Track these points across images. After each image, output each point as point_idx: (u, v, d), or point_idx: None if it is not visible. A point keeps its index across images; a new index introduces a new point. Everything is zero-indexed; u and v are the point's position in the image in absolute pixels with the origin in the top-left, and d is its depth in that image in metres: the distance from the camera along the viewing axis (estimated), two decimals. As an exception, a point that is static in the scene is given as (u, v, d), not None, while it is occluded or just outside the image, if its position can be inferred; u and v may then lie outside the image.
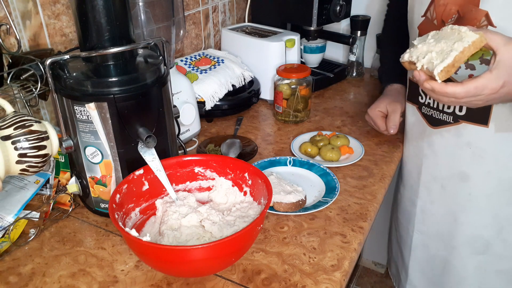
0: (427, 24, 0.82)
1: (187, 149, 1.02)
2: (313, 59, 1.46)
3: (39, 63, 0.75)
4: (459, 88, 0.63)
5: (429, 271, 1.02)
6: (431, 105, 0.87)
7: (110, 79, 0.68)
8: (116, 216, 0.63)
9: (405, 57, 0.69)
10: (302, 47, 1.43)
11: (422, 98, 0.89)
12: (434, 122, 0.87)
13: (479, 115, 0.79)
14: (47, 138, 0.66)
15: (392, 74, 1.09)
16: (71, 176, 0.79)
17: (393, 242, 1.19)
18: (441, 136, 0.87)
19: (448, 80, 0.66)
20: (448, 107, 0.83)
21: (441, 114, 0.85)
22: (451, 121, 0.84)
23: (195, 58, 1.23)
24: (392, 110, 1.00)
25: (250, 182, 0.74)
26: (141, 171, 0.71)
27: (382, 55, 1.26)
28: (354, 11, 1.39)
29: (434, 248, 0.99)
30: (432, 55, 0.65)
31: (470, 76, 0.75)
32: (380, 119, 1.02)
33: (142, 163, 0.71)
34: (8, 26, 0.81)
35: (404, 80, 1.01)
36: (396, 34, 1.08)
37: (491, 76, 0.62)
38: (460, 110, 0.81)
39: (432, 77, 0.65)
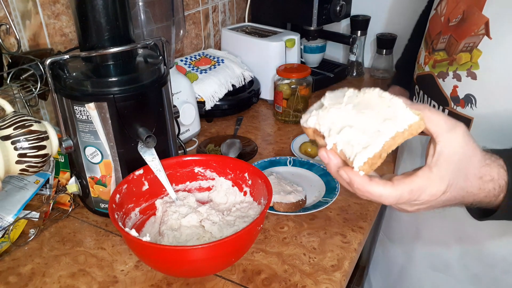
0: (436, 19, 0.74)
1: (187, 149, 1.02)
2: (313, 59, 1.46)
3: (39, 63, 0.75)
4: (389, 191, 0.45)
5: (386, 275, 1.00)
6: None
7: (110, 79, 0.68)
8: (116, 216, 0.63)
9: (310, 122, 0.48)
10: (302, 47, 1.43)
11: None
12: None
13: None
14: (47, 138, 0.66)
15: (401, 76, 1.06)
16: (71, 176, 0.79)
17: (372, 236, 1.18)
18: (420, 144, 0.82)
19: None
20: None
21: None
22: None
23: (195, 58, 1.23)
24: None
25: (250, 182, 0.74)
26: (141, 171, 0.71)
27: (404, 51, 1.12)
28: (354, 11, 1.38)
29: (394, 253, 0.96)
30: (350, 133, 0.44)
31: (455, 88, 0.67)
32: None
33: (142, 163, 0.71)
34: (8, 26, 0.81)
35: (409, 87, 0.99)
36: (421, 39, 0.99)
37: (431, 176, 0.45)
38: None
39: (347, 163, 0.45)
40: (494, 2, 0.62)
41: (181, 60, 1.20)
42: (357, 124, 0.45)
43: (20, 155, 0.63)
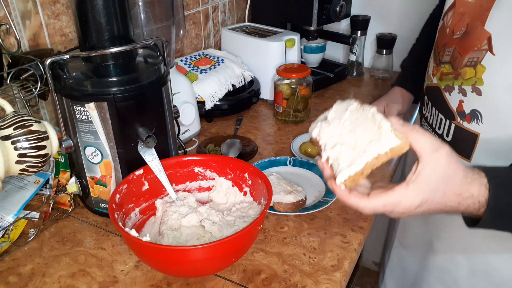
0: (442, 30, 0.74)
1: (187, 149, 1.02)
2: (313, 59, 1.46)
3: (39, 63, 0.75)
4: (364, 203, 0.51)
5: (401, 281, 1.00)
6: (428, 119, 0.80)
7: (110, 79, 0.68)
8: (116, 216, 0.63)
9: (313, 132, 0.56)
10: (302, 47, 1.43)
11: (424, 109, 0.82)
12: None
13: (463, 147, 0.71)
14: (47, 138, 0.66)
15: (406, 77, 1.05)
16: (71, 176, 0.79)
17: (385, 242, 1.19)
18: None
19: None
20: (439, 128, 0.75)
21: (433, 133, 0.77)
22: None
23: (195, 58, 1.23)
24: (388, 111, 0.98)
25: (250, 182, 0.74)
26: (141, 171, 0.71)
27: (411, 51, 1.11)
28: (354, 11, 1.39)
29: (408, 261, 0.96)
30: (340, 150, 0.52)
31: (461, 103, 0.68)
32: None
33: (142, 163, 0.71)
34: (7, 26, 0.81)
35: (412, 88, 0.98)
36: (428, 41, 0.96)
37: (407, 192, 0.50)
38: (447, 135, 0.73)
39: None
40: (497, 18, 0.61)
41: (181, 60, 1.20)
42: (348, 142, 0.51)
43: (20, 155, 0.63)
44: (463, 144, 0.70)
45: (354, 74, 1.46)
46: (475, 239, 0.75)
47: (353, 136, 0.51)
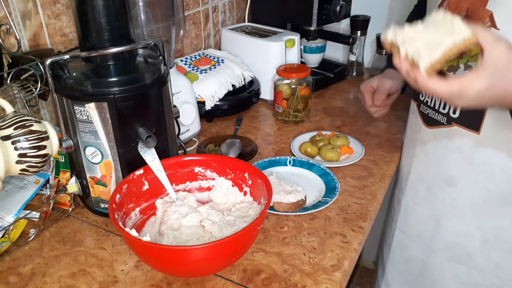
0: None
1: (187, 149, 1.02)
2: (313, 59, 1.46)
3: (39, 63, 0.75)
4: (442, 85, 0.58)
5: (406, 272, 1.01)
6: (429, 103, 0.84)
7: (110, 79, 0.68)
8: (116, 216, 0.63)
9: (389, 37, 0.62)
10: (302, 47, 1.43)
11: (422, 96, 0.87)
12: (429, 122, 0.85)
13: (471, 120, 0.76)
14: (47, 138, 0.66)
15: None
16: (71, 176, 0.79)
17: (380, 238, 1.20)
18: (434, 137, 0.85)
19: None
20: (444, 107, 0.81)
21: (436, 114, 0.82)
22: (444, 122, 0.81)
23: (195, 58, 1.23)
24: (380, 85, 0.97)
25: (250, 182, 0.74)
26: (141, 171, 0.71)
27: None
28: (354, 11, 1.38)
29: (413, 249, 0.97)
30: (419, 44, 0.59)
31: None
32: (368, 93, 0.98)
33: (142, 163, 0.71)
34: (8, 26, 0.81)
35: None
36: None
37: (477, 76, 0.57)
38: (454, 112, 0.79)
39: (415, 66, 0.59)
40: None
41: (181, 60, 1.20)
42: (424, 37, 0.58)
43: (20, 155, 0.63)
44: (471, 118, 0.76)
45: (354, 74, 1.46)
46: (487, 209, 0.80)
47: (428, 33, 0.58)
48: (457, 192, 0.84)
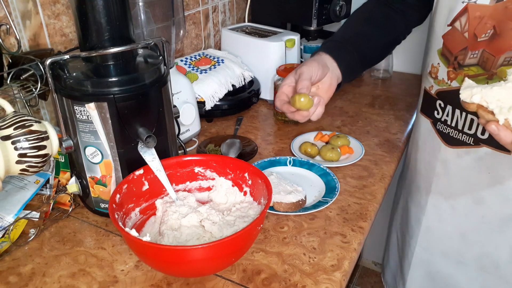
0: (455, 35, 0.74)
1: (187, 149, 1.02)
2: (313, 59, 1.45)
3: (39, 63, 0.75)
4: None
5: (430, 286, 0.99)
6: (448, 122, 0.80)
7: (110, 79, 0.68)
8: (116, 216, 0.63)
9: (475, 99, 0.57)
10: (302, 47, 1.43)
11: (438, 114, 0.82)
12: (451, 141, 0.81)
13: None
14: (47, 138, 0.66)
15: (336, 47, 0.85)
16: (71, 176, 0.79)
17: (391, 250, 1.15)
18: (458, 157, 0.81)
19: None
20: (469, 128, 0.76)
21: (460, 134, 0.79)
22: (471, 143, 0.77)
23: (195, 58, 1.23)
24: (300, 73, 0.76)
25: (250, 182, 0.74)
26: (141, 171, 0.71)
27: (346, 24, 0.96)
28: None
29: (437, 264, 0.95)
30: None
31: None
32: (286, 99, 0.77)
33: (142, 163, 0.71)
34: (8, 26, 0.81)
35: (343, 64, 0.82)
36: (378, 15, 0.91)
37: None
38: (483, 133, 0.75)
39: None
40: None
41: (181, 60, 1.20)
42: None
43: (20, 155, 0.63)
44: None
45: (354, 74, 1.46)
46: None
47: None
48: (485, 209, 0.82)
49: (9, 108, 0.66)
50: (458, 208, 0.86)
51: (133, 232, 0.60)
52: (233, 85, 1.17)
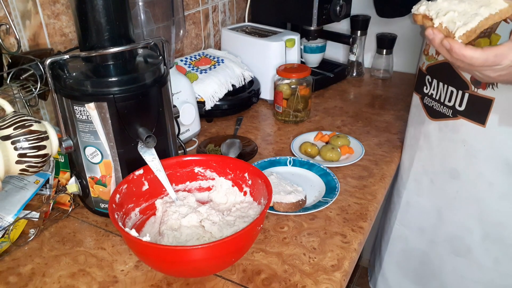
0: None
1: (187, 149, 1.02)
2: (313, 59, 1.46)
3: (38, 63, 0.75)
4: (479, 54, 0.57)
5: (405, 264, 1.02)
6: (434, 96, 0.85)
7: (109, 79, 0.68)
8: (116, 216, 0.63)
9: (421, 9, 0.62)
10: (302, 47, 1.43)
11: (426, 89, 0.87)
12: (434, 114, 0.86)
13: (477, 112, 0.77)
14: (47, 138, 0.66)
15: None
16: (71, 176, 0.79)
17: (377, 234, 1.20)
18: (438, 130, 0.86)
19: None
20: (449, 100, 0.81)
21: (442, 106, 0.83)
22: (450, 115, 0.82)
23: (195, 58, 1.23)
24: None
25: (250, 182, 0.74)
26: (141, 171, 0.71)
27: None
28: (354, 11, 1.38)
29: (413, 241, 0.98)
30: (454, 14, 0.59)
31: None
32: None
33: (142, 163, 0.71)
34: (7, 26, 0.81)
35: None
36: None
37: None
38: (460, 105, 0.79)
39: (449, 37, 0.59)
40: None
41: (181, 60, 1.20)
42: (459, 9, 0.59)
43: (20, 155, 0.63)
44: (477, 110, 0.77)
45: (354, 74, 1.46)
46: (489, 204, 0.81)
47: (462, 5, 0.59)
48: (460, 184, 0.85)
49: (9, 108, 0.66)
50: (436, 182, 0.90)
51: (133, 232, 0.60)
52: (233, 85, 1.17)
